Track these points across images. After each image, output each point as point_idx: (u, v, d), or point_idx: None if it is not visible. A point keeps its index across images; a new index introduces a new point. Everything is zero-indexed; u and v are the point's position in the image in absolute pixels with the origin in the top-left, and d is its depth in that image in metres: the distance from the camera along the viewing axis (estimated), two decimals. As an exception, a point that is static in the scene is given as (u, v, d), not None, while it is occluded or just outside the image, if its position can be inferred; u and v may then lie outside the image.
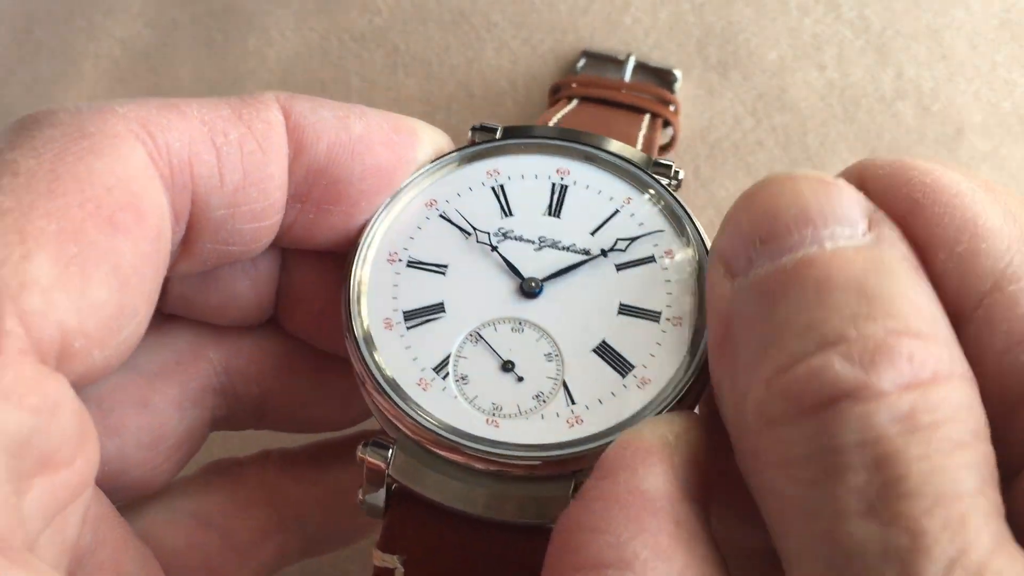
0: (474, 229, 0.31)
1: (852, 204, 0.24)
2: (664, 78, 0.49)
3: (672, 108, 0.46)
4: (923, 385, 0.21)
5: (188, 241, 0.29)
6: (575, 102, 0.45)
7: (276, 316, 0.34)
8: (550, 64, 0.51)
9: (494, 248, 0.31)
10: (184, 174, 0.27)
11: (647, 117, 0.43)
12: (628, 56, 0.50)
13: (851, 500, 0.20)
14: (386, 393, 0.28)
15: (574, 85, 0.47)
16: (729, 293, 0.24)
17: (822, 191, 0.24)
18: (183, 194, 0.27)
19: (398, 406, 0.28)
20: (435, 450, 0.28)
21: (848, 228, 0.24)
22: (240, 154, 0.28)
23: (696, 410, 0.29)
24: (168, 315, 0.32)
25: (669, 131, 0.47)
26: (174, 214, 0.27)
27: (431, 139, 0.32)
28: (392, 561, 0.29)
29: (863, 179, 0.26)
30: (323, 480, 0.34)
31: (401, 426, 0.28)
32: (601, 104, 0.45)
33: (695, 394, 0.28)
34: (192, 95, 0.29)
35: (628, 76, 0.49)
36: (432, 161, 0.32)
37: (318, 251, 0.32)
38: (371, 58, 0.52)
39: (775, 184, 0.25)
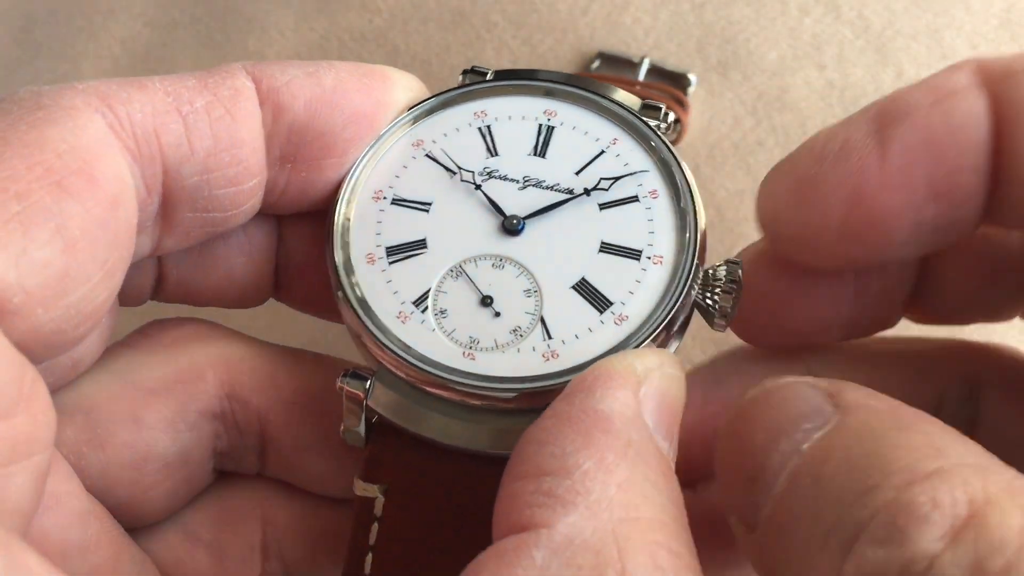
0: (459, 168, 0.31)
1: (806, 394, 0.25)
2: (678, 81, 0.49)
3: (683, 107, 0.47)
4: (957, 530, 0.21)
5: (166, 212, 0.29)
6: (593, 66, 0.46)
7: (277, 292, 0.34)
8: (550, 64, 0.51)
9: (478, 187, 0.31)
10: (151, 144, 0.27)
11: None
12: (642, 58, 0.50)
13: None
14: (365, 325, 0.29)
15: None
16: (753, 544, 0.25)
17: (773, 402, 0.25)
18: (152, 164, 0.27)
19: (376, 338, 0.29)
20: (411, 381, 0.28)
21: (814, 420, 0.24)
22: (208, 120, 0.28)
23: (673, 350, 0.30)
24: (172, 335, 0.32)
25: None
26: (145, 185, 0.27)
27: (403, 81, 0.32)
28: (373, 491, 0.29)
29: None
30: (313, 514, 0.34)
31: (379, 357, 0.29)
32: None
33: (671, 331, 0.29)
34: None
35: (642, 76, 0.49)
36: (420, 102, 0.32)
37: (315, 217, 0.32)
38: (371, 58, 0.52)
39: (734, 422, 0.26)
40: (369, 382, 0.29)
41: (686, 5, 0.52)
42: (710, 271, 0.29)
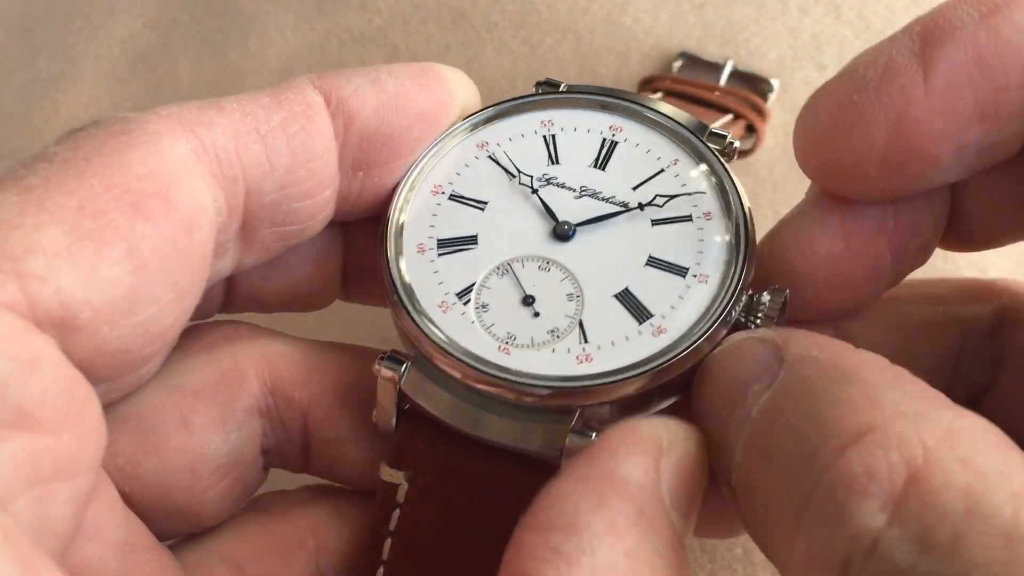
0: (519, 171, 0.32)
1: (759, 357, 0.25)
2: (759, 86, 0.49)
3: (761, 114, 0.47)
4: (906, 491, 0.21)
5: (247, 231, 0.29)
6: (659, 95, 0.47)
7: (344, 293, 0.35)
8: (550, 64, 0.51)
9: (535, 191, 0.32)
10: (234, 166, 0.28)
11: (729, 118, 0.45)
12: (726, 61, 0.49)
13: None
14: (407, 310, 0.30)
15: (668, 81, 0.47)
16: (738, 511, 0.25)
17: (732, 366, 0.26)
18: (235, 185, 0.28)
19: (416, 323, 0.29)
20: (444, 367, 0.29)
21: (764, 379, 0.25)
22: (285, 137, 0.29)
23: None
24: (212, 336, 0.32)
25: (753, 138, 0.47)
26: (228, 207, 0.28)
27: (456, 77, 0.33)
28: (398, 477, 0.30)
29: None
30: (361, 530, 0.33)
31: (416, 342, 0.29)
32: (685, 100, 0.46)
33: (708, 350, 0.29)
34: (192, 95, 0.30)
35: (724, 80, 0.49)
36: (491, 106, 0.34)
37: (379, 220, 0.33)
38: (371, 58, 0.52)
39: (703, 384, 0.27)
40: (405, 366, 0.29)
41: (686, 5, 0.52)
42: (755, 296, 0.30)
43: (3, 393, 0.22)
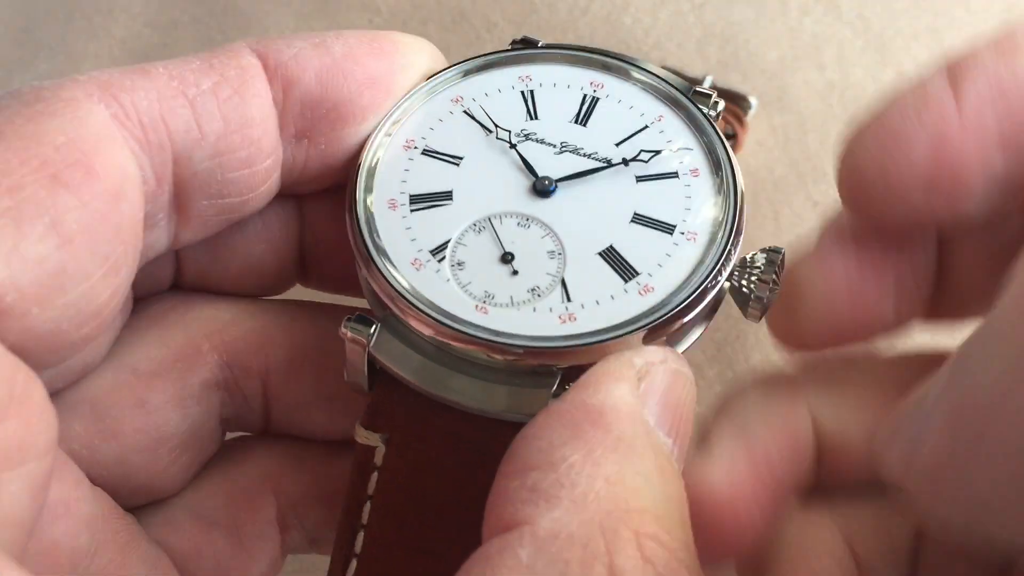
0: (496, 126, 0.31)
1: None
2: (738, 102, 0.49)
3: (741, 124, 0.46)
4: None
5: (180, 202, 0.28)
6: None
7: (303, 277, 0.33)
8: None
9: (513, 146, 0.31)
10: (159, 131, 0.26)
11: None
12: (704, 76, 0.49)
13: None
14: (376, 267, 0.28)
15: None
16: None
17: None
18: (161, 152, 0.27)
19: (387, 279, 0.28)
20: (416, 326, 0.28)
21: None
22: (216, 102, 0.27)
23: (699, 335, 0.29)
24: (162, 312, 0.31)
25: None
26: (155, 175, 0.27)
27: (415, 44, 0.31)
28: (374, 439, 0.29)
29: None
30: (326, 476, 0.33)
31: (387, 301, 0.28)
32: None
33: (698, 310, 0.28)
34: None
35: None
36: (466, 60, 0.32)
37: (339, 195, 0.31)
38: (371, 58, 0.52)
39: None
40: (374, 327, 0.28)
41: (686, 5, 0.52)
42: (748, 257, 0.29)
43: None
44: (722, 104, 0.32)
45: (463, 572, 0.22)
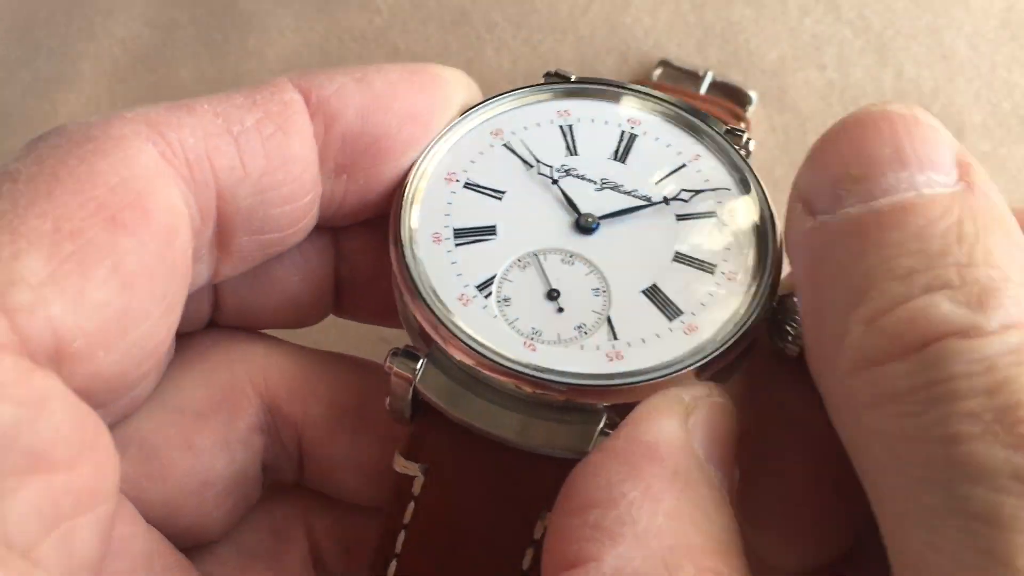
0: (537, 161, 0.31)
1: (947, 150, 0.24)
2: (738, 98, 0.49)
3: (742, 124, 0.46)
4: None
5: (222, 238, 0.28)
6: None
7: (338, 308, 0.33)
8: (550, 64, 0.51)
9: (555, 181, 0.31)
10: (204, 169, 0.26)
11: None
12: (705, 72, 0.49)
13: (966, 424, 0.20)
14: (424, 302, 0.28)
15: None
16: (810, 230, 0.24)
17: (918, 134, 0.24)
18: (206, 189, 0.27)
19: (435, 314, 0.28)
20: (464, 360, 0.28)
21: (943, 176, 0.23)
22: (260, 139, 0.27)
23: (737, 372, 0.29)
24: (204, 349, 0.31)
25: None
26: (200, 211, 0.27)
27: (454, 76, 0.32)
28: (414, 469, 0.29)
29: None
30: (351, 521, 0.33)
31: (435, 335, 0.28)
32: None
33: (741, 349, 0.28)
34: (192, 95, 0.29)
35: (704, 90, 0.49)
36: (502, 93, 0.32)
37: (374, 226, 0.31)
38: (371, 58, 0.52)
39: (868, 122, 0.25)
40: (421, 363, 0.28)
41: (686, 5, 0.52)
42: (787, 297, 0.29)
43: (15, 439, 0.21)
44: (754, 144, 0.33)
45: None
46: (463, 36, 0.52)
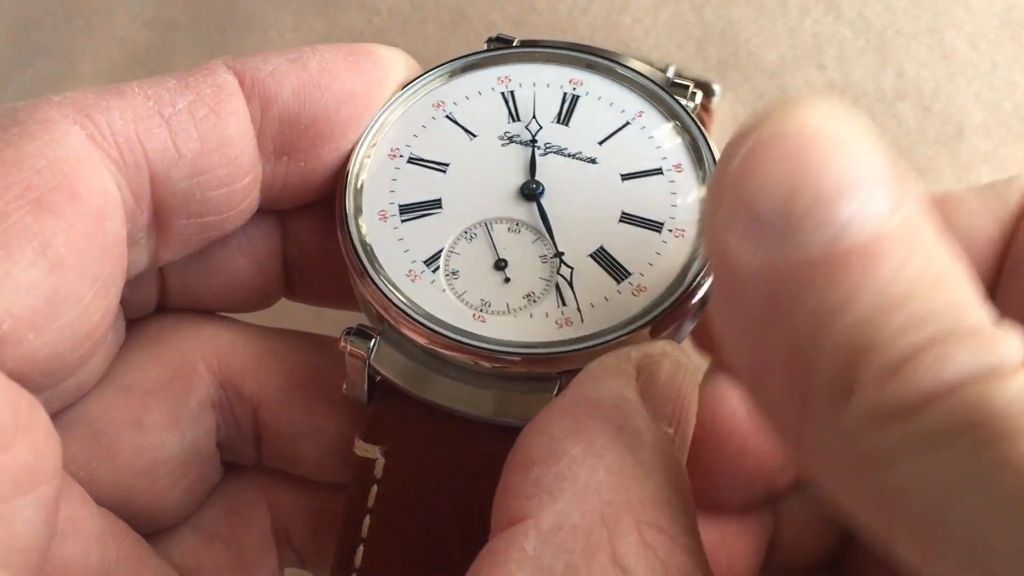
0: (479, 131, 0.31)
1: (877, 160, 0.22)
2: (703, 90, 0.49)
3: (707, 113, 0.46)
4: None
5: (160, 222, 0.28)
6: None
7: (289, 291, 0.33)
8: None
9: (533, 141, 0.31)
10: (135, 151, 0.26)
11: None
12: (667, 66, 0.49)
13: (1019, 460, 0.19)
14: (373, 281, 0.28)
15: None
16: (758, 262, 0.21)
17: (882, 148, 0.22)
18: (138, 172, 0.27)
19: (384, 294, 0.28)
20: (416, 338, 0.28)
21: (894, 189, 0.21)
22: (192, 121, 0.27)
23: (689, 329, 0.29)
24: (155, 332, 0.31)
25: None
26: (133, 194, 0.27)
27: (391, 55, 0.31)
28: (374, 451, 0.29)
29: None
30: (315, 496, 0.33)
31: (385, 314, 0.28)
32: None
33: (690, 306, 0.28)
34: None
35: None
36: (444, 63, 0.32)
37: (321, 208, 0.31)
38: (370, 58, 0.52)
39: (818, 123, 0.22)
40: (374, 341, 0.28)
41: (686, 5, 0.52)
42: None
43: None
44: (700, 95, 0.32)
45: (472, 571, 0.22)
46: (462, 36, 0.52)
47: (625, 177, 0.30)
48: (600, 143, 0.30)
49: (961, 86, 0.49)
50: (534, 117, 0.31)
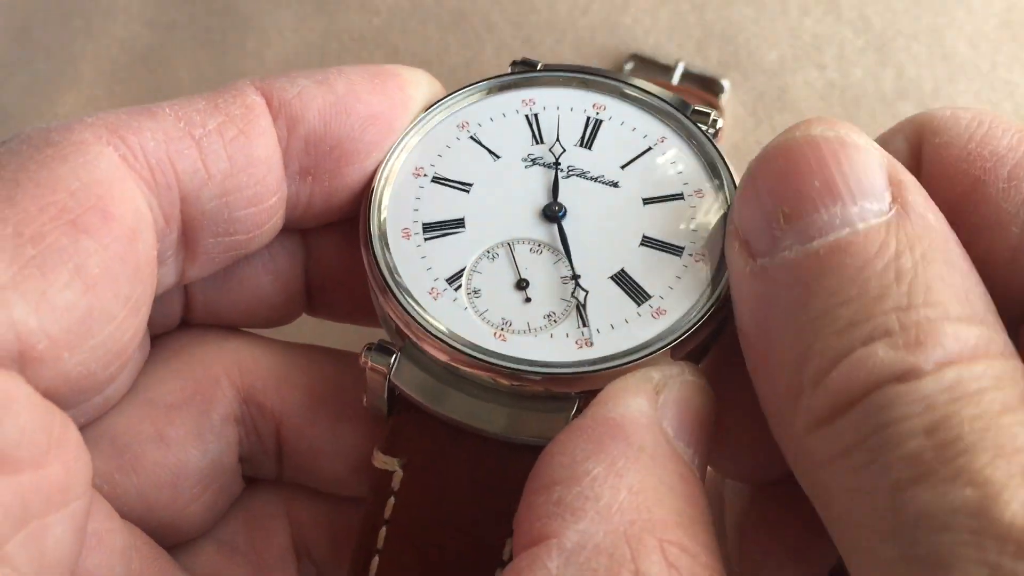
0: (503, 152, 0.31)
1: (878, 173, 0.24)
2: (711, 86, 0.49)
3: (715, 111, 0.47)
4: (965, 360, 0.21)
5: (188, 240, 0.28)
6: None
7: (311, 307, 0.34)
8: (550, 64, 0.51)
9: (557, 163, 0.31)
10: (166, 172, 0.27)
11: None
12: (677, 63, 0.50)
13: (908, 468, 0.20)
14: (395, 298, 0.29)
15: None
16: (751, 273, 0.24)
17: (846, 159, 0.24)
18: (169, 192, 0.27)
19: (405, 310, 0.28)
20: (436, 355, 0.28)
21: (876, 203, 0.23)
22: (222, 142, 0.28)
23: (710, 352, 0.29)
24: (179, 347, 0.32)
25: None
26: (163, 214, 0.27)
27: (416, 78, 0.32)
28: (392, 464, 0.29)
29: (918, 148, 0.26)
30: (335, 511, 0.33)
31: (407, 331, 0.29)
32: None
33: (709, 329, 0.28)
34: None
35: (676, 80, 0.49)
36: (468, 85, 0.33)
37: (343, 227, 0.32)
38: (370, 58, 0.52)
39: (795, 151, 0.24)
40: (395, 357, 0.29)
41: (686, 5, 0.52)
42: None
43: None
44: (721, 122, 0.32)
45: None
46: (462, 36, 0.52)
47: (647, 201, 0.30)
48: (623, 167, 0.31)
49: (961, 86, 0.49)
50: (557, 140, 0.32)
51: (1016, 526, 0.19)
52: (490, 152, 0.31)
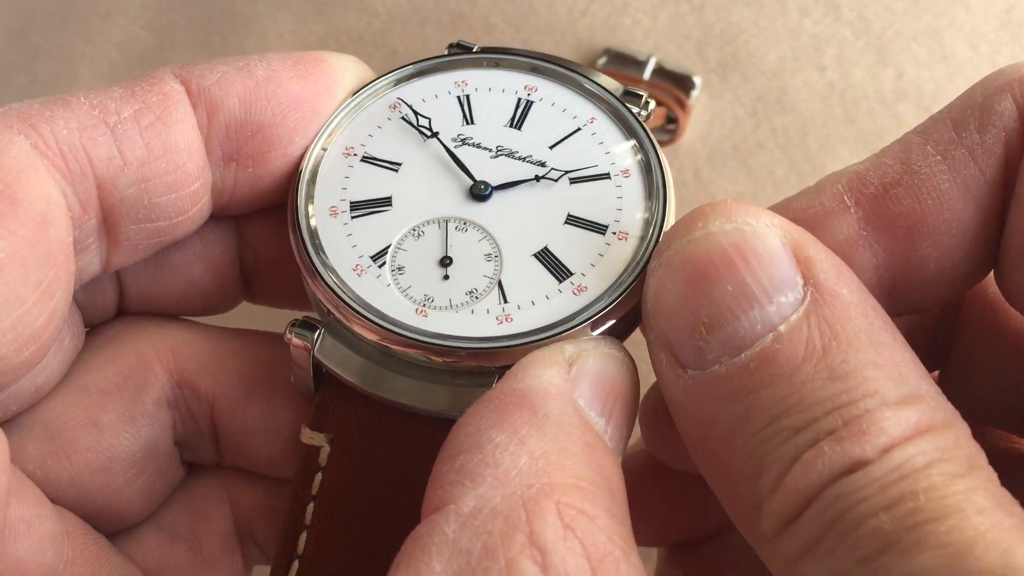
0: (433, 132, 0.32)
1: (784, 259, 0.24)
2: (682, 83, 0.49)
3: (683, 108, 0.47)
4: (909, 439, 0.22)
5: (109, 227, 0.28)
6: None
7: (248, 294, 0.34)
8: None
9: (450, 152, 0.31)
10: (80, 159, 0.27)
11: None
12: (649, 57, 0.50)
13: (873, 543, 0.21)
14: (319, 274, 0.29)
15: None
16: (683, 386, 0.25)
17: (752, 255, 0.24)
18: (84, 179, 0.27)
19: (329, 287, 0.29)
20: (360, 331, 0.29)
21: (790, 292, 0.24)
22: (138, 129, 0.28)
23: (633, 329, 0.30)
24: (113, 334, 0.32)
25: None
26: (79, 202, 0.27)
27: (342, 62, 0.32)
28: (320, 439, 0.29)
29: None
30: (277, 493, 0.34)
31: (329, 307, 0.29)
32: None
33: (631, 305, 0.29)
34: None
35: (647, 76, 0.49)
36: (403, 66, 0.33)
37: (276, 213, 0.32)
38: (369, 60, 0.52)
39: (701, 256, 0.24)
40: (318, 332, 0.29)
41: (686, 6, 0.52)
42: None
43: None
44: (653, 104, 0.33)
45: (397, 556, 0.23)
46: (462, 37, 0.52)
47: (573, 181, 0.31)
48: (551, 147, 0.31)
49: (961, 87, 0.48)
50: (488, 121, 0.32)
51: (996, 574, 0.19)
52: (420, 132, 0.32)
